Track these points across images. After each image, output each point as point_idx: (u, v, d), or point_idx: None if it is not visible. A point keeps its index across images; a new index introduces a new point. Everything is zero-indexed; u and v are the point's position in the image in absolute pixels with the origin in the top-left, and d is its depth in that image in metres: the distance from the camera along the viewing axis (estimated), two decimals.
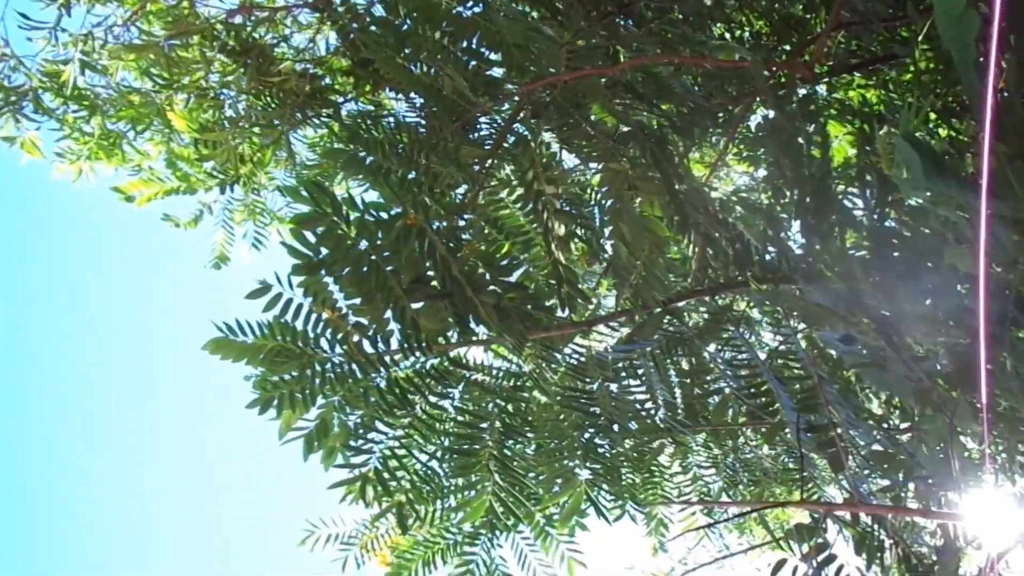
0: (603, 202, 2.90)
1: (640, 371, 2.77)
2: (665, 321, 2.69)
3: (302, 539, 3.99)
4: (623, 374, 2.87)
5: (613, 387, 3.42)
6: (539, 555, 3.72)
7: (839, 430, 2.20)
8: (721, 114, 4.09)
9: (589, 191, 3.58)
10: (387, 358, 2.62)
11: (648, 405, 3.47)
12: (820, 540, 2.63)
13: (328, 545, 3.99)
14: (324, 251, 2.63)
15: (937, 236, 2.36)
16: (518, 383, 2.81)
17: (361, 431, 2.49)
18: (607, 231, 2.76)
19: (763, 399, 2.39)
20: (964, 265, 1.87)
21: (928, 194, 1.61)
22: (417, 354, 2.58)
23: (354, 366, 2.64)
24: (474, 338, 2.56)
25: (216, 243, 4.22)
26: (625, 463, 3.99)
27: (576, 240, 2.72)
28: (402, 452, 2.48)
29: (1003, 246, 1.80)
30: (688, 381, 2.86)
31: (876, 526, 2.83)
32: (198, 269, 4.11)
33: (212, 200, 4.20)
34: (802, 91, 3.53)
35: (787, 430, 3.26)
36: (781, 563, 2.42)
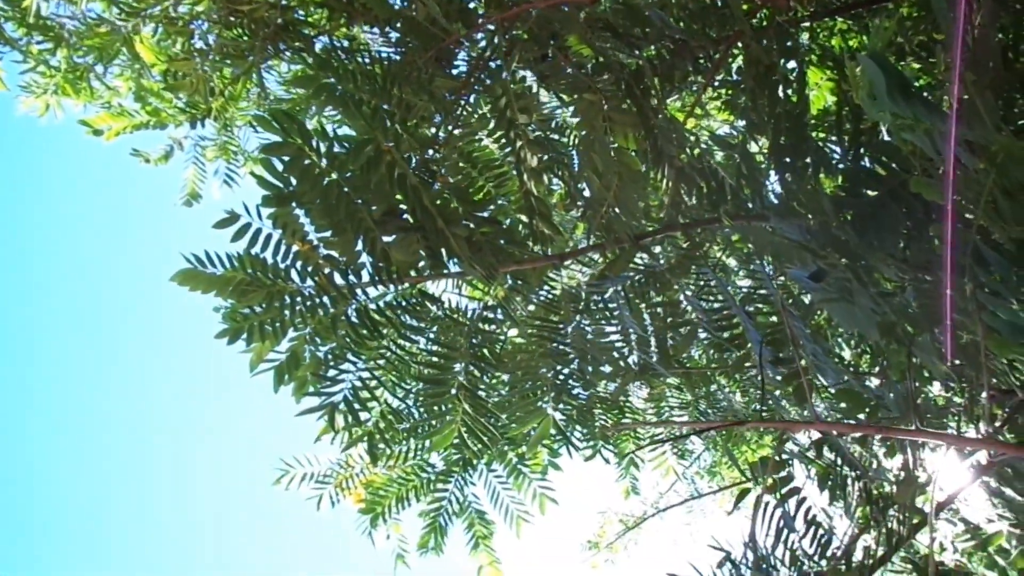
0: (578, 143, 2.87)
1: (613, 308, 2.78)
2: (637, 258, 2.69)
3: (277, 478, 4.02)
4: (595, 312, 2.88)
5: (587, 328, 3.45)
6: (511, 493, 3.78)
7: (803, 362, 2.23)
8: (702, 56, 4.05)
9: (567, 133, 3.56)
10: (358, 290, 2.61)
11: (621, 346, 3.51)
12: (784, 473, 2.69)
13: (303, 484, 4.02)
14: (294, 182, 2.60)
15: (908, 173, 2.36)
16: (489, 316, 2.81)
17: (332, 362, 2.49)
18: (584, 172, 2.74)
19: (732, 331, 2.41)
20: (929, 194, 1.88)
21: (894, 117, 1.60)
22: (388, 286, 2.57)
23: (325, 298, 2.63)
24: (445, 271, 2.55)
25: (187, 180, 4.15)
26: (598, 405, 4.04)
27: (549, 173, 2.70)
28: (373, 383, 2.49)
29: (969, 174, 1.81)
30: (660, 314, 2.87)
31: (839, 460, 2.90)
32: (170, 206, 4.04)
33: (183, 136, 4.12)
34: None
35: (754, 369, 3.30)
36: (744, 493, 2.47)
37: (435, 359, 2.69)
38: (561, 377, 3.98)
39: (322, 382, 2.38)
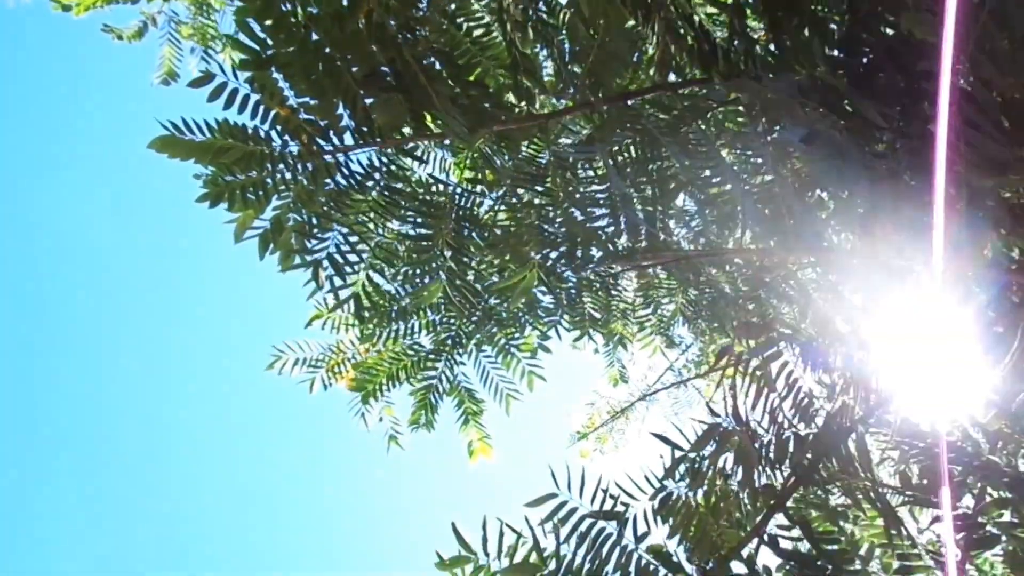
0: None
1: (602, 174, 2.74)
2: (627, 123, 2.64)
3: (269, 363, 4.06)
4: (583, 179, 2.84)
5: (576, 212, 3.42)
6: (501, 372, 3.84)
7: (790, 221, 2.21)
8: None
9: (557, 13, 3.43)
10: (340, 155, 2.56)
11: (609, 224, 3.50)
12: (766, 336, 2.72)
13: (296, 368, 4.07)
14: (271, 44, 2.52)
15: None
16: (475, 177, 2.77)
17: (315, 226, 2.47)
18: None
19: (718, 189, 2.39)
20: (921, 31, 1.82)
21: None
22: (372, 149, 2.52)
23: (308, 164, 2.59)
24: (429, 133, 2.50)
25: (163, 58, 4.01)
26: (587, 289, 4.06)
27: (532, 26, 2.60)
28: (359, 245, 2.47)
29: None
30: (648, 195, 2.84)
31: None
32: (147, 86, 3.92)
33: (156, 11, 3.96)
34: None
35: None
36: (725, 350, 2.51)
37: (420, 219, 2.66)
38: (550, 260, 3.99)
39: (306, 240, 2.36)
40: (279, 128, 2.54)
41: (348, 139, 2.56)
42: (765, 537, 2.64)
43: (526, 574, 2.32)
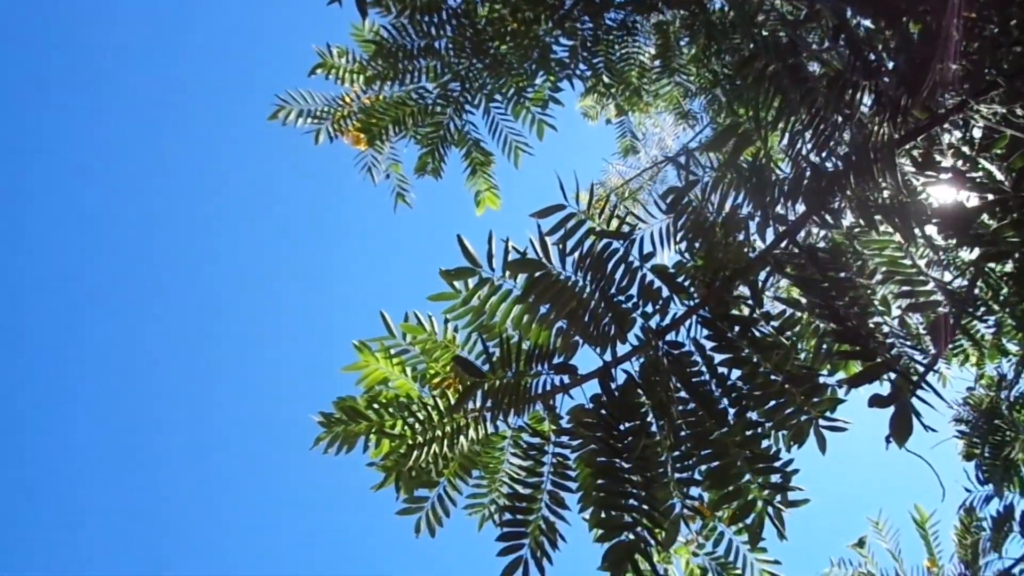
0: None
1: None
2: None
3: (272, 113, 3.92)
4: None
5: None
6: (510, 123, 3.72)
7: None
8: None
9: None
10: None
11: None
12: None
13: (300, 119, 3.93)
14: None
15: None
16: None
17: None
18: None
19: None
20: None
21: None
22: None
23: None
24: None
25: None
26: (603, 38, 3.85)
27: None
28: None
29: None
30: None
31: (852, 59, 2.77)
32: None
33: None
34: None
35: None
36: (751, 57, 2.36)
37: None
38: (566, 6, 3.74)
39: None
40: None
41: None
42: (772, 261, 2.63)
43: (530, 269, 2.32)
